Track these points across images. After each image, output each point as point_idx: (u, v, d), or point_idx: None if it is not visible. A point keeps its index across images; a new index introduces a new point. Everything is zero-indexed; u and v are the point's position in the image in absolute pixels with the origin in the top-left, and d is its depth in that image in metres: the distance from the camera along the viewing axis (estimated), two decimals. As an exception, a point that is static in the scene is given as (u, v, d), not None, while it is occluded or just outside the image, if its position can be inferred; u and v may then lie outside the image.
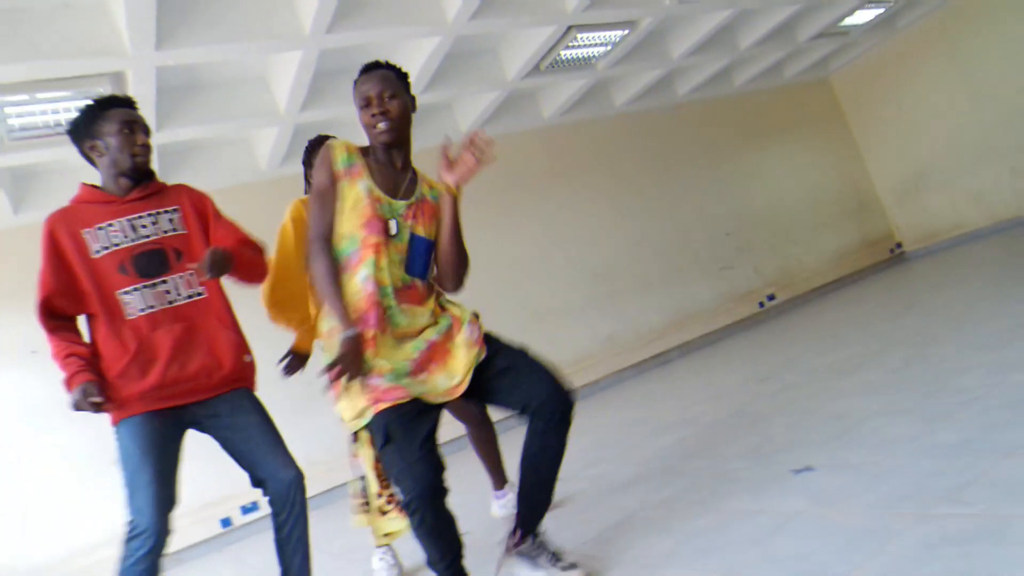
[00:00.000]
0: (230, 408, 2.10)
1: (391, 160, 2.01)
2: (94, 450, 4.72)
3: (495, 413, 2.29)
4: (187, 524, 4.63)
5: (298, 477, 2.07)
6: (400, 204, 1.95)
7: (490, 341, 1.97)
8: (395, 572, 2.58)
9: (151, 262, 2.05)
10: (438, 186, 2.04)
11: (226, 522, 5.26)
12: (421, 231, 1.97)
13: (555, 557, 1.97)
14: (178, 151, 5.45)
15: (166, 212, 2.12)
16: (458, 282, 2.08)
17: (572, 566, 1.93)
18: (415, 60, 5.13)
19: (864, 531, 1.58)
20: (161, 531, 1.89)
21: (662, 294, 7.62)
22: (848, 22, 7.59)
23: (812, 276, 8.65)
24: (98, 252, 2.01)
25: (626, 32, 5.72)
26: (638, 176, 7.89)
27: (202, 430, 2.12)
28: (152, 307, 2.02)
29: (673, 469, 2.79)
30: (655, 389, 5.60)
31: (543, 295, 7.03)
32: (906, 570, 1.35)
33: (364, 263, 1.88)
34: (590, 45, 5.84)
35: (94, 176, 2.20)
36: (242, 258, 2.12)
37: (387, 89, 1.96)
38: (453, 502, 1.83)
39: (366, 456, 2.46)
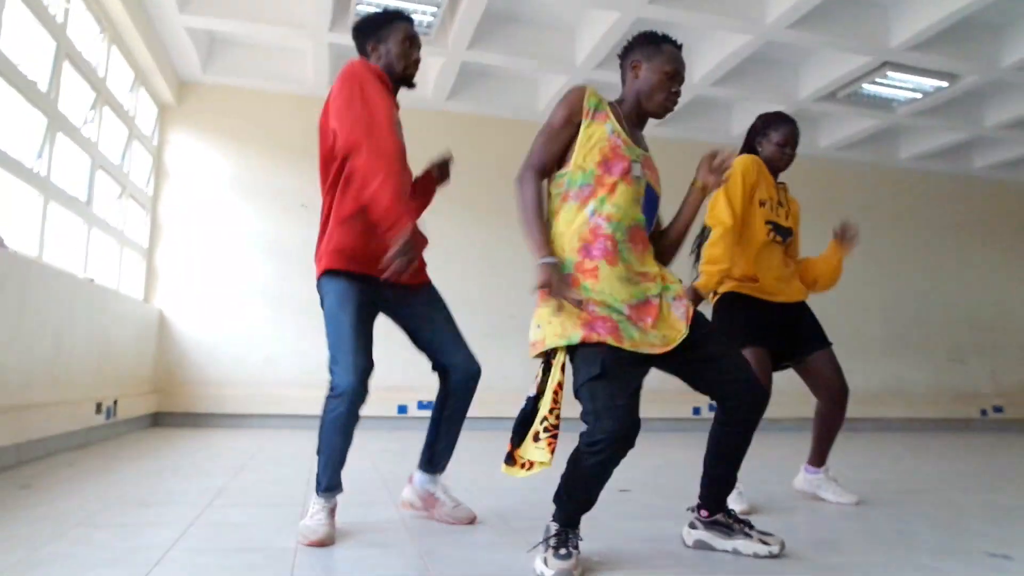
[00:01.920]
0: (425, 299, 2.29)
1: (638, 120, 2.10)
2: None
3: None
4: (371, 399, 5.19)
5: (479, 372, 2.31)
6: (638, 151, 2.02)
7: (699, 323, 1.99)
8: None
9: None
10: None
11: (402, 408, 5.84)
12: (652, 184, 2.06)
13: (749, 526, 2.05)
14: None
15: None
16: (666, 262, 2.13)
17: (768, 534, 2.02)
18: (716, 52, 5.19)
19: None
20: (360, 391, 2.11)
21: (878, 360, 7.18)
22: None
23: (1059, 407, 7.68)
24: None
25: (944, 84, 5.39)
26: (895, 233, 7.46)
27: (390, 313, 2.29)
28: None
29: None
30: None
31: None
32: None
33: (595, 198, 1.95)
34: (897, 87, 5.56)
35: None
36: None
37: (684, 71, 2.12)
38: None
39: (551, 377, 2.10)
